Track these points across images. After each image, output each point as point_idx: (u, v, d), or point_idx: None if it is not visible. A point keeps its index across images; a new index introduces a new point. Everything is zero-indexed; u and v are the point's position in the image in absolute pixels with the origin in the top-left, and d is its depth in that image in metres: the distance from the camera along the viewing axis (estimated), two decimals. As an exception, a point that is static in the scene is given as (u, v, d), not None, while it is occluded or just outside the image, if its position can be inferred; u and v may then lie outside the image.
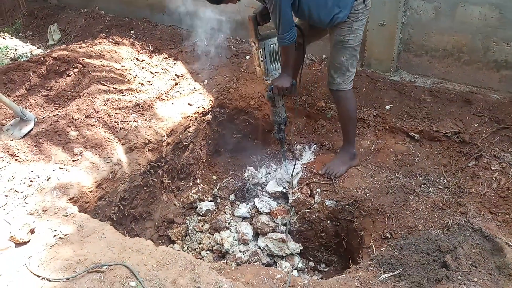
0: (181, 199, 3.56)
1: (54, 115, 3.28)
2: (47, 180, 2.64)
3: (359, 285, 2.22)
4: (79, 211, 2.52)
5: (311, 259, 3.30)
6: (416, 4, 3.54)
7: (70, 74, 3.70)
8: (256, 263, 3.03)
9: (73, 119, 3.19)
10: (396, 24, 3.63)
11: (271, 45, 2.99)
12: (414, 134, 3.28)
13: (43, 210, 2.42)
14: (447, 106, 3.37)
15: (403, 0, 3.54)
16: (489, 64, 3.43)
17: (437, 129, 3.21)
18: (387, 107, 3.46)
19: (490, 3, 3.23)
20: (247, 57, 4.28)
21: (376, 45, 3.80)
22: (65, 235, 2.25)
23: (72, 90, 3.59)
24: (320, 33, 3.09)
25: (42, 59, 3.80)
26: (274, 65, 3.06)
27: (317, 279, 3.10)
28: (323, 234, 3.20)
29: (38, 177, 2.65)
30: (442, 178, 2.98)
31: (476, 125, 3.18)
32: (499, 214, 2.49)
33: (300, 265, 3.13)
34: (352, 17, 2.72)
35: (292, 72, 2.99)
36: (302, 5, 2.68)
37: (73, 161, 2.90)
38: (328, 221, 3.13)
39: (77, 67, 3.72)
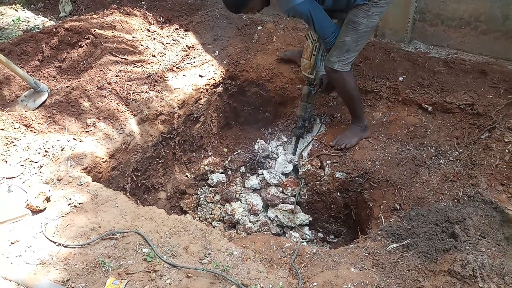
0: (193, 171, 3.61)
1: (67, 87, 3.30)
2: (61, 150, 2.70)
3: (367, 254, 2.25)
4: (93, 181, 2.57)
5: (320, 230, 3.34)
6: (433, -29, 3.43)
7: (82, 45, 3.71)
8: (266, 233, 3.08)
9: (85, 90, 3.21)
10: (412, -8, 3.53)
11: None
12: (427, 106, 3.23)
13: (58, 179, 2.49)
14: (462, 78, 3.30)
15: (419, -34, 3.43)
16: (508, 33, 3.32)
17: (450, 100, 3.16)
18: (400, 78, 3.41)
19: (510, -31, 3.11)
20: (259, 28, 4.22)
21: (391, 14, 3.69)
22: (79, 204, 2.32)
23: (84, 62, 3.61)
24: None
25: (54, 30, 3.81)
26: (321, 62, 3.06)
27: (326, 249, 3.14)
28: (332, 206, 3.23)
29: (53, 147, 2.70)
30: (453, 150, 2.96)
31: (490, 96, 3.12)
32: (511, 186, 2.48)
33: (309, 235, 3.17)
34: (372, 2, 2.65)
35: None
36: None
37: (86, 131, 2.94)
38: (338, 193, 3.15)
39: (89, 38, 3.73)
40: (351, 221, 3.20)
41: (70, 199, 2.33)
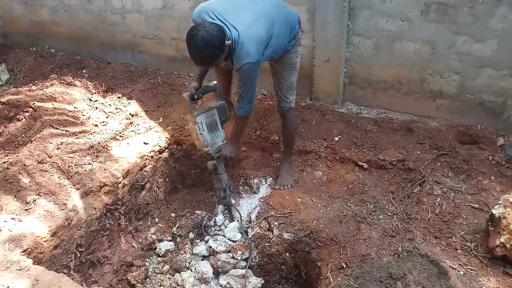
0: (140, 240, 3.53)
1: (4, 162, 3.20)
2: (-2, 233, 2.57)
3: (318, 317, 2.30)
4: (34, 263, 2.47)
5: (273, 292, 3.35)
6: (357, 41, 3.78)
7: (20, 119, 3.65)
8: (218, 301, 3.04)
9: (24, 165, 3.13)
10: (340, 59, 3.85)
11: (207, 118, 3.16)
12: (363, 164, 3.45)
13: (-6, 266, 2.36)
14: (391, 135, 3.59)
15: (345, 37, 3.77)
16: (426, 94, 3.70)
17: (383, 157, 3.40)
18: (336, 139, 3.63)
19: (423, 40, 3.51)
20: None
21: (323, 79, 4.00)
22: (19, 291, 2.20)
23: (23, 135, 3.54)
24: None
25: (-10, 104, 3.73)
26: (212, 135, 3.20)
27: (279, 312, 3.15)
28: (283, 267, 3.26)
29: (-11, 230, 2.58)
30: (390, 205, 3.15)
31: (418, 152, 3.40)
32: (443, 238, 2.67)
33: (262, 299, 3.17)
34: (297, 43, 3.11)
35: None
36: (269, 49, 2.88)
37: (26, 210, 2.84)
38: (287, 254, 3.20)
39: (28, 111, 3.68)
40: (302, 281, 3.24)
41: (8, 287, 2.21)
